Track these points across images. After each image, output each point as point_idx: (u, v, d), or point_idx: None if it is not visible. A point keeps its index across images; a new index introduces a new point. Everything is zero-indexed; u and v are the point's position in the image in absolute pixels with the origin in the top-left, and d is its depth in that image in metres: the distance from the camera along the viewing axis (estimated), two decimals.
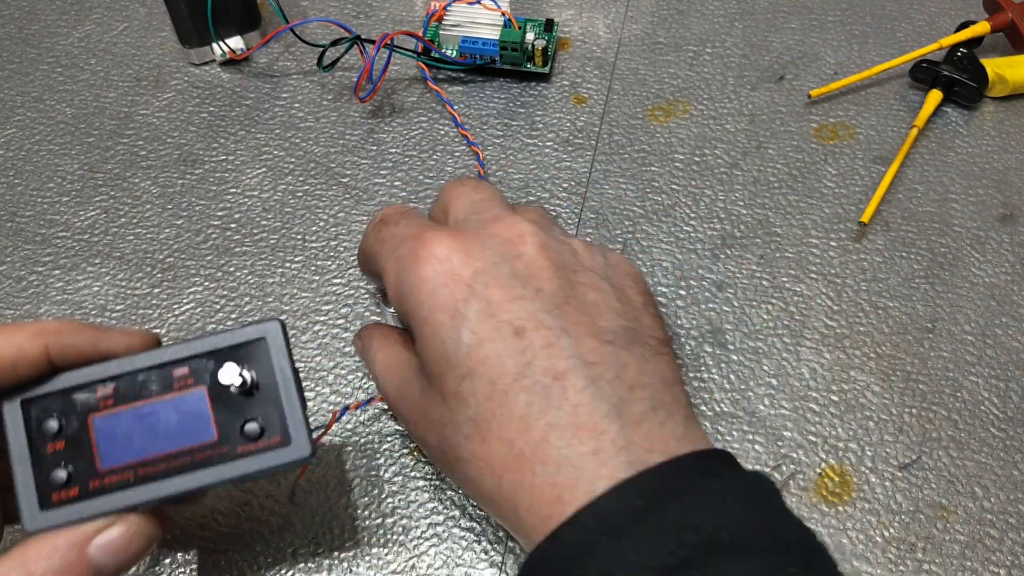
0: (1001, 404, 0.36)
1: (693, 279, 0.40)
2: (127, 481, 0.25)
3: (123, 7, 0.52)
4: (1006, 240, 0.41)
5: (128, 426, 0.25)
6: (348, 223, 0.42)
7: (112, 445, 0.25)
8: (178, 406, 0.25)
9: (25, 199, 0.43)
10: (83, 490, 0.25)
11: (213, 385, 0.26)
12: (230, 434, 0.25)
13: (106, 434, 0.25)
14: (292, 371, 0.26)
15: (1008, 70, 0.45)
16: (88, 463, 0.25)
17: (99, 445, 0.25)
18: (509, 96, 0.47)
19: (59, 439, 0.25)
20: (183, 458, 0.25)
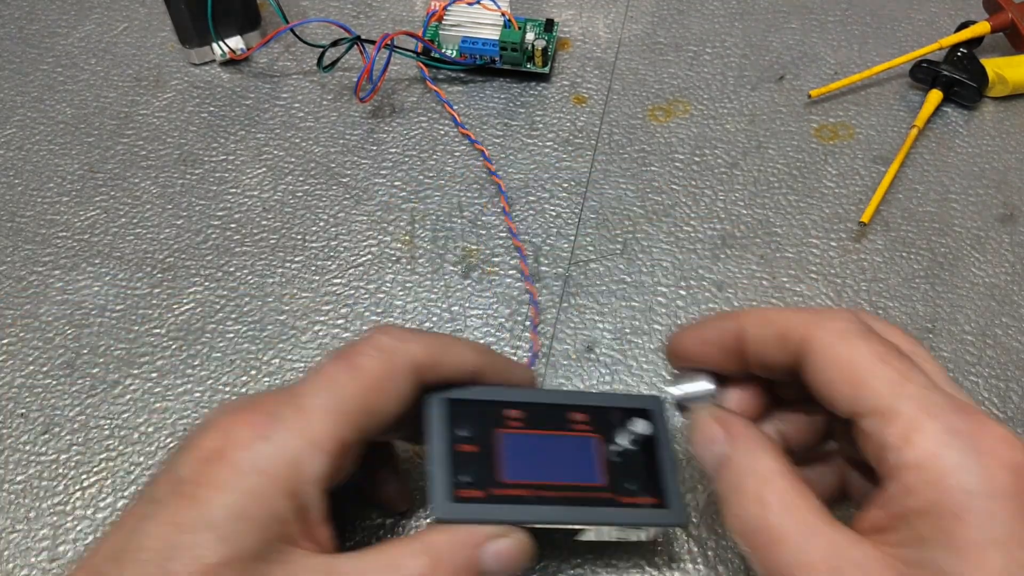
0: (1001, 404, 0.36)
1: (693, 279, 0.40)
2: (524, 497, 0.26)
3: (123, 7, 0.52)
4: (1006, 240, 0.41)
5: (530, 449, 0.27)
6: (348, 223, 0.42)
7: (514, 461, 0.27)
8: (572, 445, 0.28)
9: (25, 199, 0.43)
10: (487, 493, 0.26)
11: (606, 437, 0.28)
12: (614, 483, 0.27)
13: (511, 450, 0.27)
14: (671, 445, 0.29)
15: (1008, 70, 0.45)
16: (490, 471, 0.27)
17: (503, 458, 0.27)
18: (509, 96, 0.47)
19: (471, 443, 0.27)
20: (572, 492, 0.27)
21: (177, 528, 0.22)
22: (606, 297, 0.39)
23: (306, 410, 0.24)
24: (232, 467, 0.23)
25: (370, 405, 0.25)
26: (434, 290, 0.39)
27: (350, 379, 0.25)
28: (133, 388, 0.36)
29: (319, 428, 0.24)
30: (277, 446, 0.23)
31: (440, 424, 0.27)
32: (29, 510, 0.33)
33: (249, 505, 0.23)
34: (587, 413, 0.29)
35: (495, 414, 0.28)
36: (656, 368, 0.37)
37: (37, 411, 0.36)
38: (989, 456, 0.21)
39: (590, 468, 0.28)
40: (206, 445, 0.24)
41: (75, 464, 0.34)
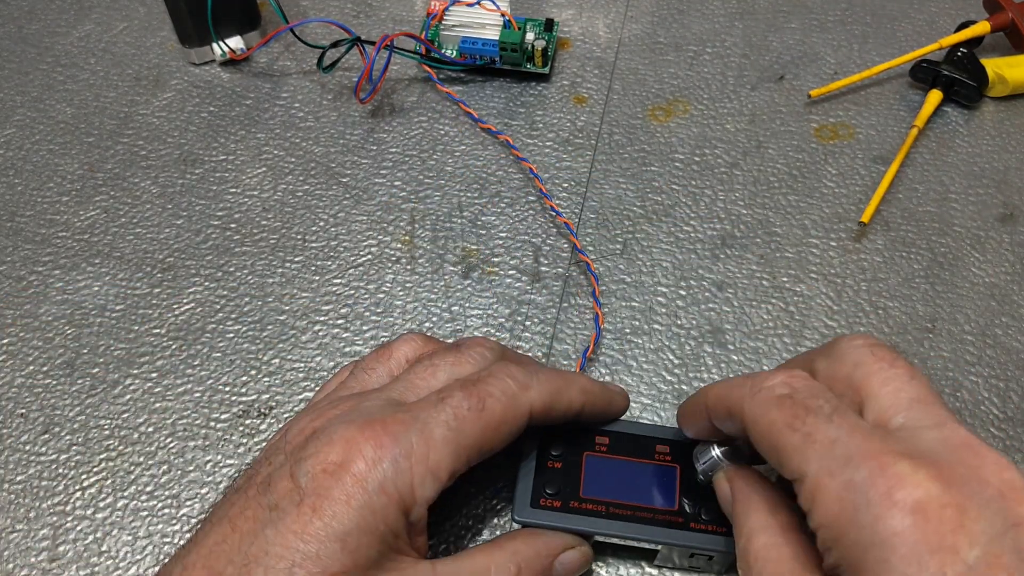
0: (1001, 404, 0.36)
1: (693, 279, 0.40)
2: (599, 512, 0.29)
3: (123, 7, 0.52)
4: (1006, 240, 0.41)
5: (611, 471, 0.30)
6: (348, 223, 0.42)
7: (595, 481, 0.30)
8: (654, 472, 0.30)
9: (25, 199, 0.43)
10: (564, 505, 0.29)
11: (685, 468, 0.30)
12: (686, 510, 0.30)
13: (594, 471, 0.30)
14: None
15: (1008, 70, 0.45)
16: (573, 487, 0.30)
17: (586, 477, 0.30)
18: (509, 96, 0.47)
19: (558, 460, 0.30)
20: (645, 513, 0.29)
21: (303, 538, 0.24)
22: (606, 297, 0.39)
23: (431, 442, 0.26)
24: (359, 484, 0.25)
25: (486, 444, 0.27)
26: (434, 290, 0.39)
27: (476, 419, 0.27)
28: (133, 388, 0.36)
29: (439, 460, 0.26)
30: (401, 470, 0.25)
31: (534, 441, 0.31)
32: (29, 510, 0.33)
33: (371, 520, 0.25)
34: (671, 445, 0.31)
35: (585, 439, 0.31)
36: (656, 368, 0.37)
37: (37, 411, 0.36)
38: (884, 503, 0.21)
39: (665, 494, 0.30)
40: (331, 459, 0.25)
41: (75, 464, 0.34)
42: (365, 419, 0.26)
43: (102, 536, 0.33)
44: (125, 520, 0.33)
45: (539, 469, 0.30)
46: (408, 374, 0.29)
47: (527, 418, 0.28)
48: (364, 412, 0.27)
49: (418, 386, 0.29)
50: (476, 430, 0.27)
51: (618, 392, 0.32)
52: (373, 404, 0.27)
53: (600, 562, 0.32)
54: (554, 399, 0.29)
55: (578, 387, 0.30)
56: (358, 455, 0.25)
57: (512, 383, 0.28)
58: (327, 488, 0.25)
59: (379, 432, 0.26)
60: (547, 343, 0.38)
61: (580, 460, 0.30)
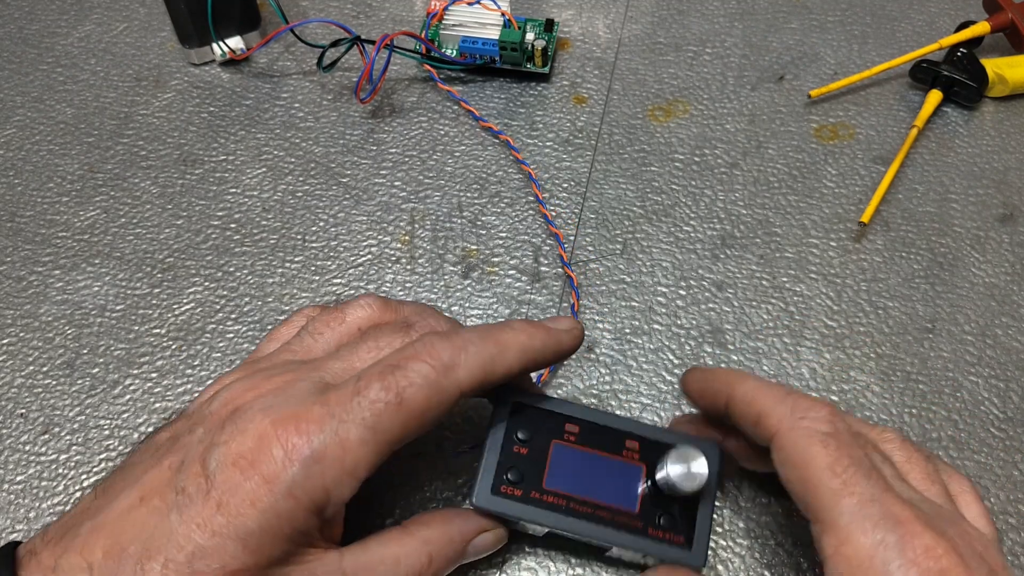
0: (1001, 404, 0.36)
1: (693, 279, 0.40)
2: (559, 506, 0.28)
3: (123, 7, 0.52)
4: (1006, 240, 0.41)
5: (577, 463, 0.29)
6: (348, 223, 0.42)
7: (560, 471, 0.29)
8: (618, 470, 0.29)
9: (25, 199, 0.43)
10: (525, 494, 0.28)
11: (651, 467, 0.29)
12: (647, 515, 0.29)
13: (559, 461, 0.29)
14: (715, 492, 0.29)
15: (1008, 70, 0.45)
16: (536, 476, 0.29)
17: (551, 467, 0.29)
18: (509, 96, 0.47)
19: (524, 445, 0.29)
20: (603, 512, 0.28)
21: (205, 532, 0.23)
22: (606, 297, 0.39)
23: (347, 443, 0.25)
24: (266, 486, 0.24)
25: (410, 434, 0.26)
26: (434, 290, 0.39)
27: (394, 412, 0.25)
28: (133, 388, 0.36)
29: (356, 460, 0.25)
30: (312, 475, 0.24)
31: (501, 424, 0.29)
32: (29, 510, 0.33)
33: (276, 523, 0.24)
34: (641, 442, 0.30)
35: (555, 425, 0.30)
36: (656, 368, 0.37)
37: (37, 411, 0.36)
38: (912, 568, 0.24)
39: (629, 494, 0.29)
40: (242, 452, 0.24)
41: (75, 464, 0.34)
42: (282, 411, 0.25)
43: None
44: None
45: (504, 453, 0.29)
46: (351, 352, 0.28)
47: (456, 400, 0.26)
48: (286, 400, 0.25)
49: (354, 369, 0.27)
50: (395, 424, 0.25)
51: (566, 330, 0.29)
52: (299, 388, 0.26)
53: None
54: (487, 372, 0.27)
55: (516, 350, 0.27)
56: (267, 455, 0.24)
57: (435, 366, 0.26)
58: (235, 484, 0.24)
59: (291, 431, 0.24)
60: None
61: (547, 448, 0.29)
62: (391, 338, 0.28)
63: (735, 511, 0.33)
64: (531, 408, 0.30)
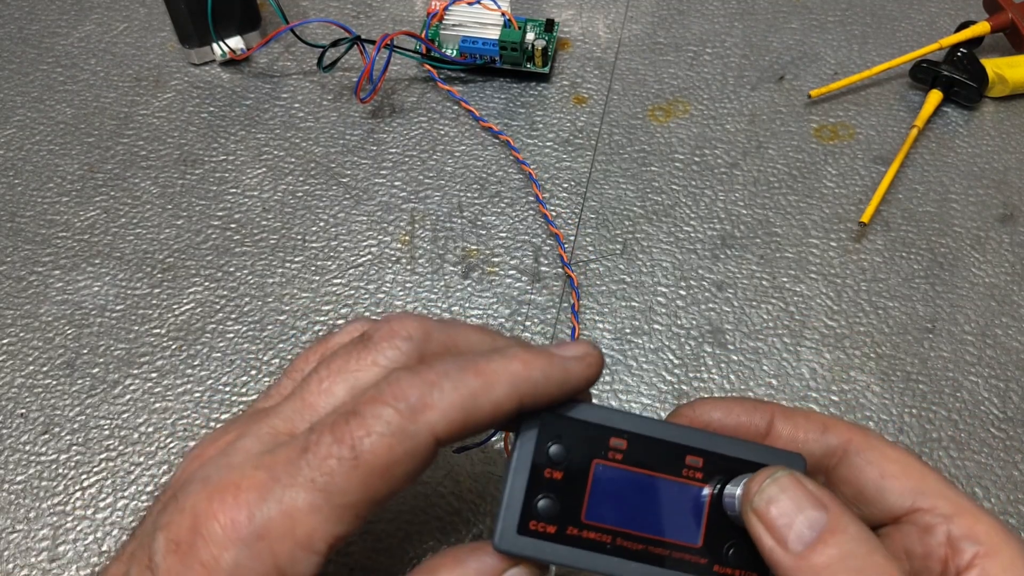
0: (1001, 404, 0.36)
1: (693, 279, 0.40)
2: (602, 544, 0.23)
3: (123, 7, 0.52)
4: (1006, 240, 0.41)
5: (624, 488, 0.23)
6: (348, 223, 0.42)
7: (602, 500, 0.23)
8: (677, 493, 0.24)
9: (25, 199, 0.43)
10: (560, 531, 0.22)
11: (718, 491, 0.24)
12: (713, 549, 0.23)
13: (602, 486, 0.23)
14: None
15: (1008, 70, 0.45)
16: (574, 507, 0.23)
17: (591, 493, 0.23)
18: (509, 96, 0.47)
19: (558, 468, 0.23)
20: (660, 549, 0.23)
21: None
22: (606, 297, 0.39)
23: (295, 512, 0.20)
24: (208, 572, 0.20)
25: (372, 495, 0.21)
26: (434, 290, 0.39)
27: (349, 471, 0.20)
28: (133, 388, 0.36)
29: (309, 531, 0.20)
30: (257, 555, 0.20)
31: (528, 441, 0.23)
32: (29, 510, 0.33)
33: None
34: (705, 457, 0.24)
35: (596, 440, 0.23)
36: (656, 368, 0.37)
37: (37, 411, 0.36)
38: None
39: (690, 525, 0.23)
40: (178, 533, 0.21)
41: (75, 464, 0.34)
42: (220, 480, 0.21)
43: (102, 536, 0.33)
44: (125, 520, 0.33)
45: (533, 479, 0.23)
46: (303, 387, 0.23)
47: (431, 450, 0.21)
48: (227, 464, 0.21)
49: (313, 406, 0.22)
50: (353, 484, 0.20)
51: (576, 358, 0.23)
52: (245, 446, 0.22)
53: None
54: (467, 413, 0.21)
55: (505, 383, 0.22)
56: (202, 536, 0.20)
57: (400, 409, 0.21)
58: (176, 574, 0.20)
59: (228, 504, 0.20)
60: (547, 343, 0.38)
61: (587, 470, 0.23)
62: (344, 359, 0.23)
63: None
64: (566, 418, 0.23)
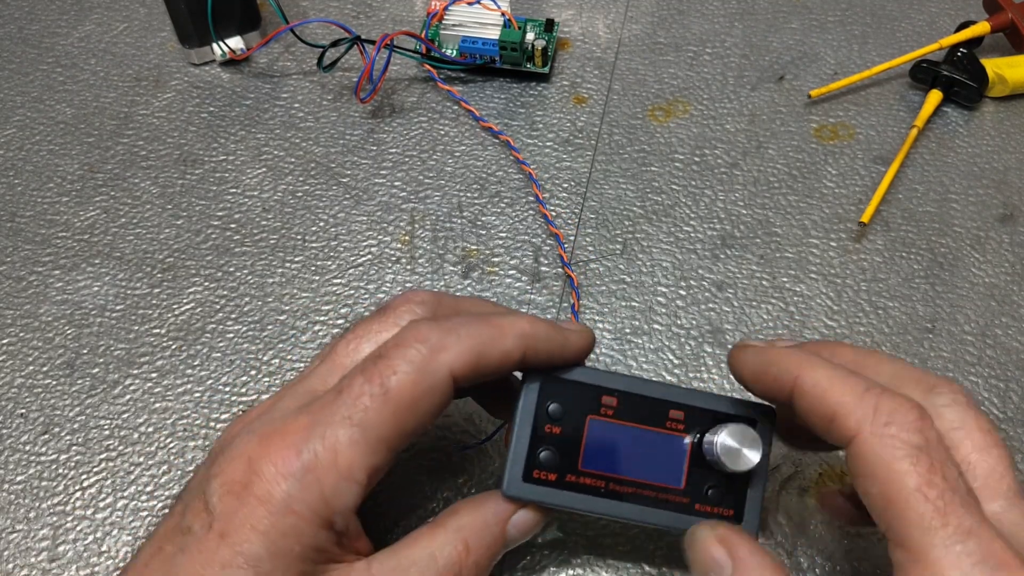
0: (1001, 404, 0.36)
1: (693, 279, 0.40)
2: (597, 488, 0.26)
3: (123, 7, 0.52)
4: (1006, 240, 0.41)
5: (615, 440, 0.27)
6: (348, 223, 0.42)
7: (597, 450, 0.26)
8: (662, 443, 0.27)
9: (25, 199, 0.43)
10: (560, 479, 0.26)
11: (698, 440, 0.27)
12: (694, 490, 0.27)
13: (596, 438, 0.26)
14: (767, 459, 0.27)
15: (1008, 70, 0.45)
16: (571, 457, 0.26)
17: (587, 445, 0.26)
18: (509, 96, 0.47)
19: (557, 424, 0.26)
20: (647, 491, 0.26)
21: (211, 566, 0.22)
22: (606, 297, 0.39)
23: (337, 446, 0.23)
24: (263, 507, 0.23)
25: (402, 427, 0.24)
26: (434, 290, 0.39)
27: (381, 405, 0.23)
28: (133, 388, 0.36)
29: (350, 462, 0.23)
30: (307, 485, 0.23)
31: (529, 401, 0.26)
32: (29, 510, 0.33)
33: (282, 543, 0.23)
34: (686, 411, 0.27)
35: (590, 398, 0.27)
36: (656, 368, 0.37)
37: (37, 411, 0.36)
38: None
39: (674, 469, 0.27)
40: (234, 478, 0.23)
41: (75, 464, 0.34)
42: (267, 429, 0.24)
43: (102, 536, 0.33)
44: (125, 520, 0.33)
45: (535, 434, 0.26)
46: (331, 351, 0.26)
47: (448, 385, 0.24)
48: (271, 418, 0.24)
49: (342, 365, 0.26)
50: (384, 417, 0.23)
51: (575, 331, 0.27)
52: (285, 405, 0.25)
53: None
54: (480, 355, 0.24)
55: (514, 334, 0.25)
56: (257, 475, 0.23)
57: (421, 349, 0.24)
58: (233, 511, 0.23)
59: (277, 446, 0.23)
60: None
61: (582, 425, 0.27)
62: (367, 324, 0.26)
63: None
64: (562, 380, 0.27)
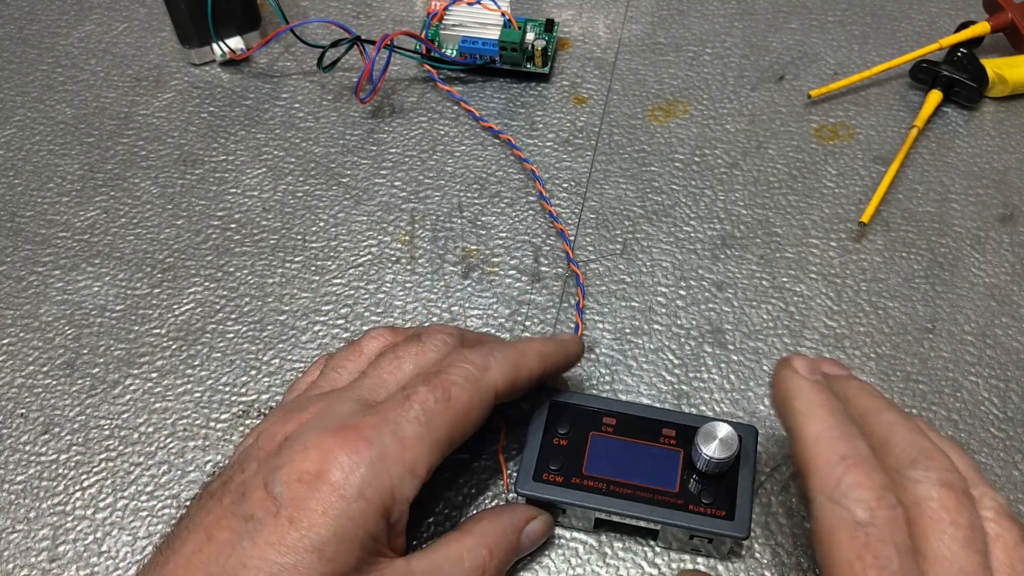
0: (1001, 404, 0.36)
1: (693, 279, 0.40)
2: (599, 489, 0.30)
3: (123, 7, 0.52)
4: (1006, 240, 0.41)
5: (615, 451, 0.31)
6: (348, 223, 0.42)
7: (598, 459, 0.31)
8: (657, 455, 0.31)
9: (25, 199, 0.43)
10: (566, 480, 0.30)
11: (689, 452, 0.31)
12: (687, 493, 0.30)
13: (597, 450, 0.31)
14: (754, 467, 0.31)
15: (1008, 70, 0.45)
16: (576, 464, 0.31)
17: (590, 455, 0.31)
18: (509, 96, 0.47)
19: (564, 438, 0.31)
20: (644, 493, 0.30)
21: (279, 549, 0.24)
22: (606, 297, 0.39)
23: (405, 441, 0.26)
24: (336, 493, 0.25)
25: (457, 433, 0.28)
26: (434, 290, 0.39)
27: (444, 410, 0.27)
28: (133, 388, 0.36)
29: (416, 458, 0.26)
30: (378, 474, 0.25)
31: (540, 420, 0.32)
32: (29, 510, 0.33)
33: (349, 528, 0.25)
34: (678, 429, 0.31)
35: (592, 419, 0.32)
36: (656, 368, 0.37)
37: (37, 411, 0.36)
38: None
39: (668, 476, 0.30)
40: (306, 468, 0.25)
41: (75, 464, 0.34)
42: (337, 425, 0.26)
43: (102, 536, 0.33)
44: (125, 520, 0.33)
45: (544, 445, 0.31)
46: (375, 368, 0.29)
47: (493, 399, 0.29)
48: (335, 417, 0.27)
49: (385, 381, 0.29)
50: (446, 421, 0.27)
51: (571, 342, 0.33)
52: (343, 407, 0.27)
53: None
54: (515, 374, 0.29)
55: (534, 354, 0.30)
56: (333, 464, 0.25)
57: (472, 368, 0.28)
58: (303, 499, 0.25)
59: (352, 438, 0.26)
60: None
61: (585, 439, 0.31)
62: (406, 348, 0.30)
63: None
64: (568, 405, 0.32)
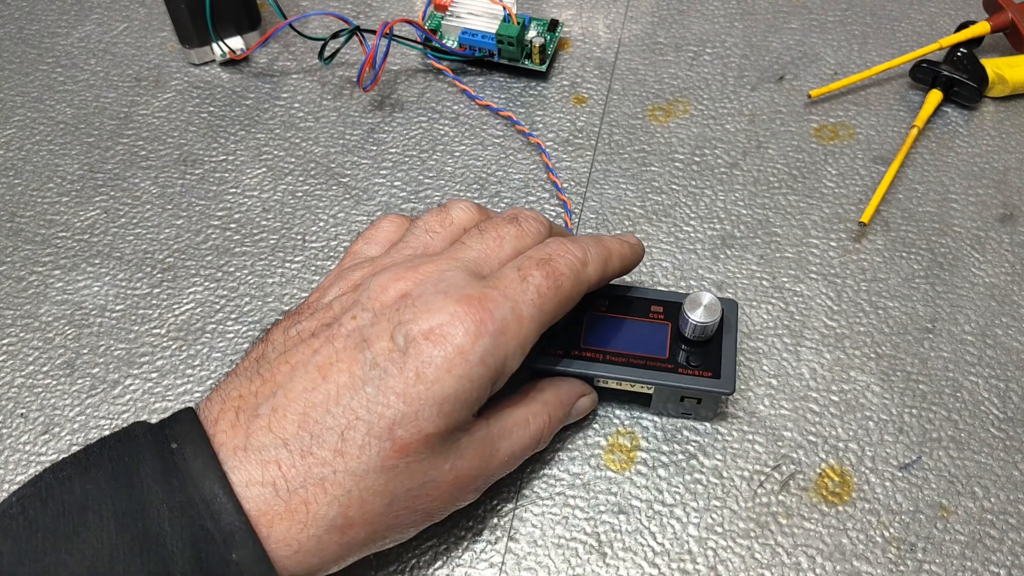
0: (1001, 404, 0.36)
1: (693, 279, 0.40)
2: (596, 358, 0.33)
3: (123, 7, 0.52)
4: (1006, 240, 0.41)
5: (608, 327, 0.34)
6: (348, 223, 0.42)
7: (593, 334, 0.34)
8: (647, 328, 0.34)
9: (25, 199, 0.43)
10: (567, 353, 0.33)
11: (676, 325, 0.34)
12: (676, 358, 0.33)
13: (592, 326, 0.34)
14: (735, 337, 0.34)
15: (1008, 70, 0.45)
16: (574, 339, 0.34)
17: (586, 331, 0.34)
18: (509, 96, 0.47)
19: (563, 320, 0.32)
20: (638, 360, 0.33)
21: (405, 399, 0.26)
22: None
23: (522, 319, 0.28)
24: (461, 355, 0.26)
25: (554, 319, 0.30)
26: None
27: (553, 296, 0.29)
28: (133, 388, 0.36)
29: (527, 336, 0.29)
30: (498, 345, 0.27)
31: None
32: None
33: (469, 390, 0.27)
34: (666, 306, 0.35)
35: (585, 302, 0.34)
36: None
37: (37, 411, 0.36)
38: None
39: (658, 344, 0.34)
40: (434, 328, 0.27)
41: None
42: (460, 293, 0.28)
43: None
44: None
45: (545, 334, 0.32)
46: (478, 243, 0.31)
47: (584, 293, 0.31)
48: (453, 284, 0.28)
49: (490, 258, 0.30)
50: (552, 306, 0.29)
51: (639, 246, 0.35)
52: (457, 276, 0.29)
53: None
54: (604, 272, 0.32)
55: (617, 256, 0.33)
56: (461, 328, 0.27)
57: (576, 261, 0.30)
58: (430, 355, 0.26)
59: (478, 308, 0.27)
60: None
61: (581, 318, 0.34)
62: (506, 228, 0.31)
63: (734, 511, 0.33)
64: None
